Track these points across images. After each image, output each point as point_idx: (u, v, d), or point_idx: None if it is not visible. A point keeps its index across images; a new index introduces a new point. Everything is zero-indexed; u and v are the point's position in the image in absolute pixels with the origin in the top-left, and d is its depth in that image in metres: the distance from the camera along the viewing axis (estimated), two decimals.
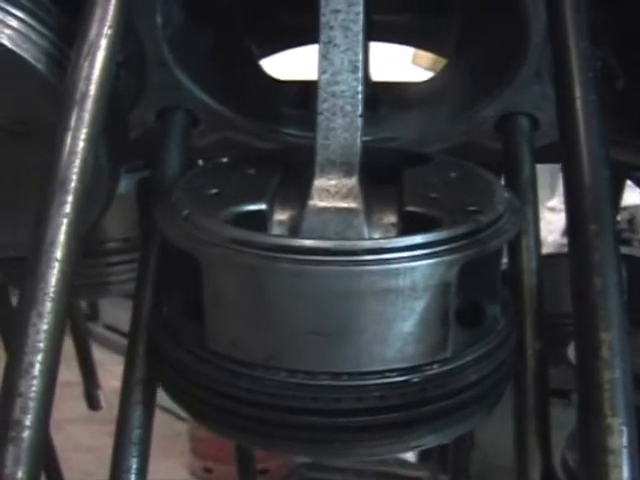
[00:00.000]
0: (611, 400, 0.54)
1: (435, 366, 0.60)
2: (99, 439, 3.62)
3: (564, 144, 0.61)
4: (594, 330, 0.55)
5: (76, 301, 1.28)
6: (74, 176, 0.57)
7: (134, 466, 0.65)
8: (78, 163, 0.58)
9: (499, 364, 0.64)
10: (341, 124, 0.66)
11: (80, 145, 0.58)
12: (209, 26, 0.86)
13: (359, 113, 0.66)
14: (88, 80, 0.60)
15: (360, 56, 0.66)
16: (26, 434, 0.52)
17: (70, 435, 3.35)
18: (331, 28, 0.66)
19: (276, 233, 0.65)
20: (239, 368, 0.60)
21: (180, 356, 0.63)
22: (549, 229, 3.08)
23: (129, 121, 0.78)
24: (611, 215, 0.58)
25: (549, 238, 3.06)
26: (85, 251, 0.60)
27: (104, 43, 0.61)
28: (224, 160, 0.74)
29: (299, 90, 0.88)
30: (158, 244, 0.71)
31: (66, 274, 0.56)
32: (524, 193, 0.75)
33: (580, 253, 0.57)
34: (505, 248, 0.67)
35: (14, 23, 0.66)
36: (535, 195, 0.76)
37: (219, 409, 0.63)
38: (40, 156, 0.67)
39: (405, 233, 0.63)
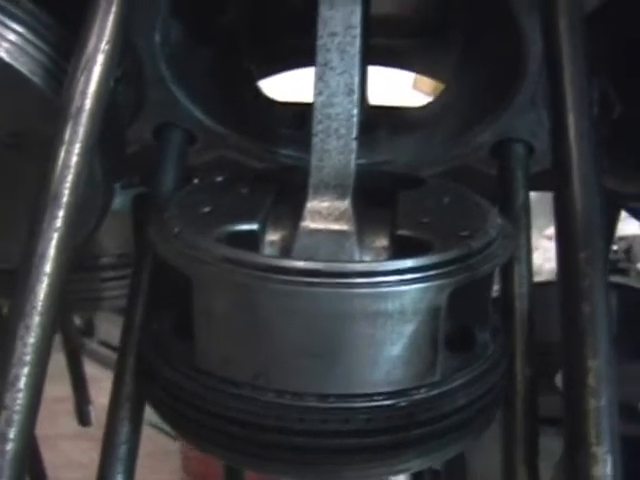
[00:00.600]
0: (596, 428, 0.54)
1: (423, 390, 0.60)
2: (90, 455, 3.59)
3: (556, 169, 0.61)
4: (581, 358, 0.55)
5: (69, 315, 1.29)
6: (66, 190, 0.57)
7: None
8: (71, 177, 0.58)
9: (488, 389, 0.64)
10: (335, 146, 0.66)
11: (74, 159, 0.58)
12: (208, 45, 0.86)
13: (353, 136, 0.66)
14: (84, 94, 0.60)
15: (356, 79, 0.67)
16: (10, 447, 0.52)
17: (61, 451, 3.34)
18: (328, 50, 0.66)
19: (267, 253, 0.65)
20: (227, 387, 0.60)
21: (169, 374, 0.63)
22: (546, 257, 3.07)
23: (126, 137, 0.78)
24: (602, 242, 0.58)
25: (546, 266, 3.06)
26: (79, 266, 0.60)
27: (101, 58, 0.61)
28: (218, 179, 0.74)
29: (296, 111, 0.88)
30: (150, 261, 0.71)
31: (55, 288, 0.56)
32: (518, 219, 0.75)
33: (569, 280, 0.57)
34: (497, 274, 0.67)
35: (12, 37, 0.66)
36: (528, 221, 0.76)
37: (207, 428, 0.62)
38: (34, 169, 0.67)
39: (396, 257, 0.63)
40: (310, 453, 0.60)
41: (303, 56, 0.91)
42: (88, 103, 0.60)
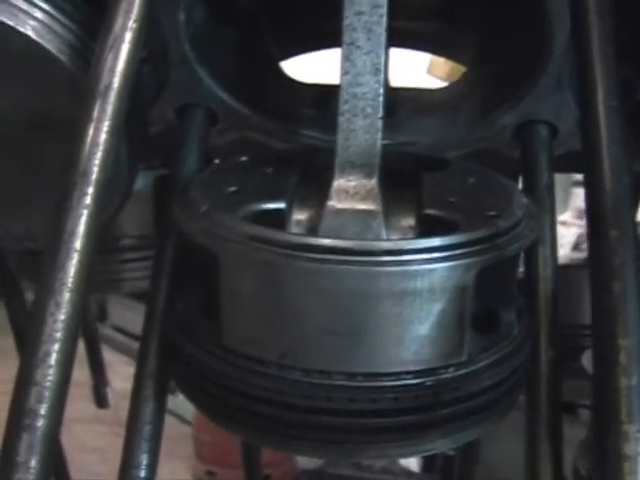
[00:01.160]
0: (628, 406, 0.54)
1: (450, 370, 0.60)
2: (105, 439, 3.62)
3: (585, 149, 0.60)
4: (612, 336, 0.55)
5: (87, 298, 1.28)
6: (95, 168, 0.57)
7: (144, 462, 0.65)
8: (100, 155, 0.58)
9: (513, 370, 0.64)
10: (362, 125, 0.66)
11: (102, 137, 0.58)
12: (231, 25, 0.86)
13: (380, 115, 0.66)
14: (112, 72, 0.60)
15: (382, 58, 0.66)
16: (40, 423, 0.52)
17: (76, 435, 3.35)
18: (354, 30, 0.66)
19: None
20: (253, 366, 0.60)
21: (194, 352, 0.63)
22: (560, 243, 3.07)
23: (150, 117, 0.78)
24: (631, 221, 0.58)
25: (559, 252, 3.06)
26: (100, 248, 0.60)
27: (129, 36, 0.61)
28: (242, 159, 0.74)
29: (319, 92, 0.88)
30: (173, 242, 0.71)
31: (85, 265, 0.56)
32: (541, 201, 0.75)
33: (600, 258, 0.57)
34: (521, 256, 0.67)
35: (39, 14, 0.67)
36: (552, 203, 0.76)
37: (231, 406, 0.62)
38: (58, 149, 0.68)
39: (423, 236, 0.63)
40: (336, 432, 0.60)
41: (324, 38, 0.91)
42: (116, 81, 0.60)
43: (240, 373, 0.61)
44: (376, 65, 0.66)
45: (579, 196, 3.62)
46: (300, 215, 0.66)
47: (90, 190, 0.57)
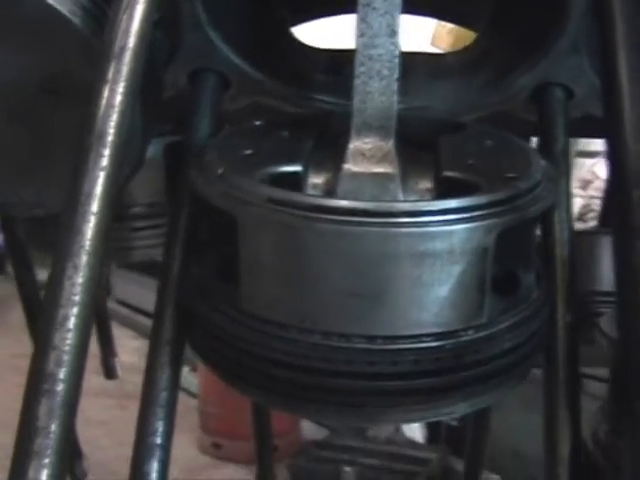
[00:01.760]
0: None
1: (470, 332, 0.60)
2: (110, 413, 3.63)
3: (607, 111, 0.60)
4: (637, 295, 0.55)
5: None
6: (111, 130, 0.57)
7: (160, 429, 0.65)
8: (115, 117, 0.57)
9: (532, 333, 0.64)
10: (378, 87, 0.65)
11: (118, 98, 0.58)
12: None
13: (396, 77, 0.65)
14: (127, 33, 0.59)
15: (398, 20, 0.66)
16: (60, 387, 0.52)
17: (82, 408, 3.35)
18: None
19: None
20: (272, 329, 0.60)
21: (212, 317, 0.63)
22: None
23: (163, 82, 0.78)
24: None
25: None
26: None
27: None
28: (257, 123, 0.74)
29: (331, 57, 0.87)
30: (188, 207, 0.70)
31: (102, 227, 0.55)
32: (557, 163, 0.74)
33: (624, 219, 0.57)
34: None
35: None
36: (568, 166, 0.75)
37: (250, 370, 0.62)
38: (69, 115, 0.67)
39: (442, 198, 0.62)
40: (356, 395, 0.60)
41: (335, 4, 0.91)
42: (131, 42, 0.59)
43: (259, 337, 0.60)
44: (392, 27, 0.65)
45: (583, 167, 3.62)
46: (316, 178, 0.66)
47: (106, 152, 0.56)
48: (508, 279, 0.65)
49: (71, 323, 0.53)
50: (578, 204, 3.35)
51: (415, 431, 3.42)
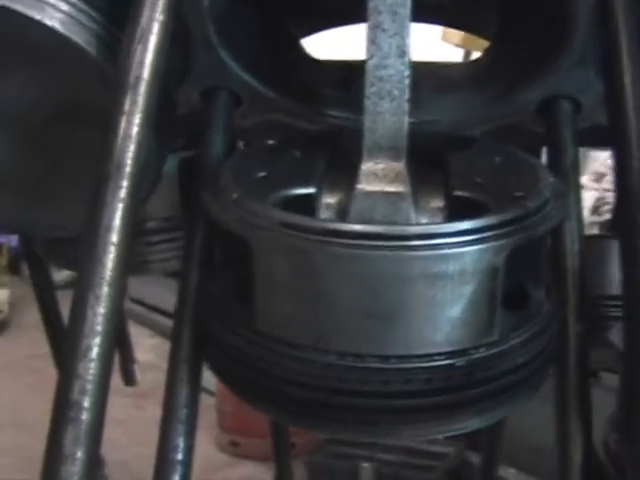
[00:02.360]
0: None
1: (482, 349, 0.61)
2: (128, 412, 3.64)
3: (613, 125, 0.61)
4: None
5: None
6: (129, 160, 0.58)
7: (181, 445, 0.66)
8: (133, 147, 0.58)
9: (544, 347, 0.65)
10: (388, 108, 0.66)
11: (135, 130, 0.59)
12: (252, 5, 0.86)
13: (406, 97, 0.66)
14: (141, 64, 0.60)
15: (407, 40, 0.67)
16: (85, 416, 0.53)
17: None
18: (379, 12, 0.66)
19: (324, 216, 0.66)
20: (287, 349, 0.61)
21: (228, 336, 0.64)
22: None
23: (175, 101, 0.79)
24: None
25: None
26: None
27: (156, 27, 0.62)
28: (269, 142, 0.75)
29: (340, 71, 0.88)
30: (203, 227, 0.71)
31: (122, 259, 0.56)
32: (567, 176, 0.75)
33: (629, 235, 0.58)
34: None
35: (65, 7, 0.67)
36: (577, 178, 0.76)
37: (265, 389, 0.63)
38: (84, 139, 0.68)
39: (452, 217, 0.63)
40: (371, 413, 0.61)
41: (342, 15, 0.91)
42: (146, 72, 0.60)
43: (274, 357, 0.61)
44: (401, 47, 0.66)
45: (597, 160, 3.61)
46: (330, 199, 0.67)
47: (125, 183, 0.58)
48: (519, 293, 0.66)
49: (94, 353, 0.54)
50: (592, 197, 3.34)
51: None
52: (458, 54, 3.05)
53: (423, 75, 0.88)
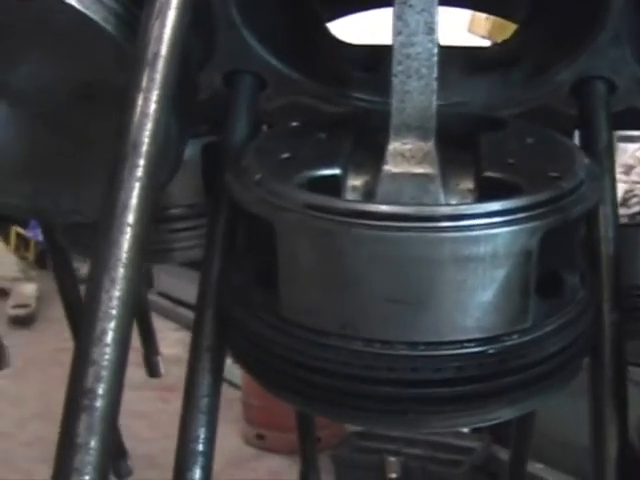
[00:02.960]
0: None
1: (515, 336, 0.59)
2: (153, 405, 3.65)
3: None
4: None
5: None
6: (146, 139, 0.56)
7: (202, 435, 0.64)
8: (150, 126, 0.56)
9: (578, 335, 0.62)
10: (416, 87, 0.64)
11: (152, 107, 0.57)
12: None
13: (434, 75, 0.64)
14: (159, 40, 0.59)
15: (435, 17, 0.65)
16: (99, 403, 0.51)
17: (124, 400, 3.38)
18: None
19: (351, 198, 0.63)
20: (314, 336, 0.59)
21: (253, 324, 0.62)
22: None
23: (198, 84, 0.77)
24: None
25: None
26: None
27: (175, 2, 0.60)
28: (294, 124, 0.73)
29: (367, 53, 0.86)
30: (226, 212, 0.69)
31: (139, 239, 0.54)
32: (601, 160, 0.72)
33: None
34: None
35: None
36: (612, 162, 0.74)
37: (291, 378, 0.61)
38: (104, 120, 0.66)
39: (483, 199, 0.61)
40: (399, 403, 0.59)
41: None
42: (164, 49, 0.58)
43: (300, 344, 0.60)
44: (429, 24, 0.64)
45: (626, 152, 3.58)
46: (355, 180, 0.65)
47: (141, 162, 0.56)
48: (553, 280, 0.63)
49: (109, 337, 0.52)
50: (621, 189, 3.31)
51: None
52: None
53: (452, 57, 0.85)
